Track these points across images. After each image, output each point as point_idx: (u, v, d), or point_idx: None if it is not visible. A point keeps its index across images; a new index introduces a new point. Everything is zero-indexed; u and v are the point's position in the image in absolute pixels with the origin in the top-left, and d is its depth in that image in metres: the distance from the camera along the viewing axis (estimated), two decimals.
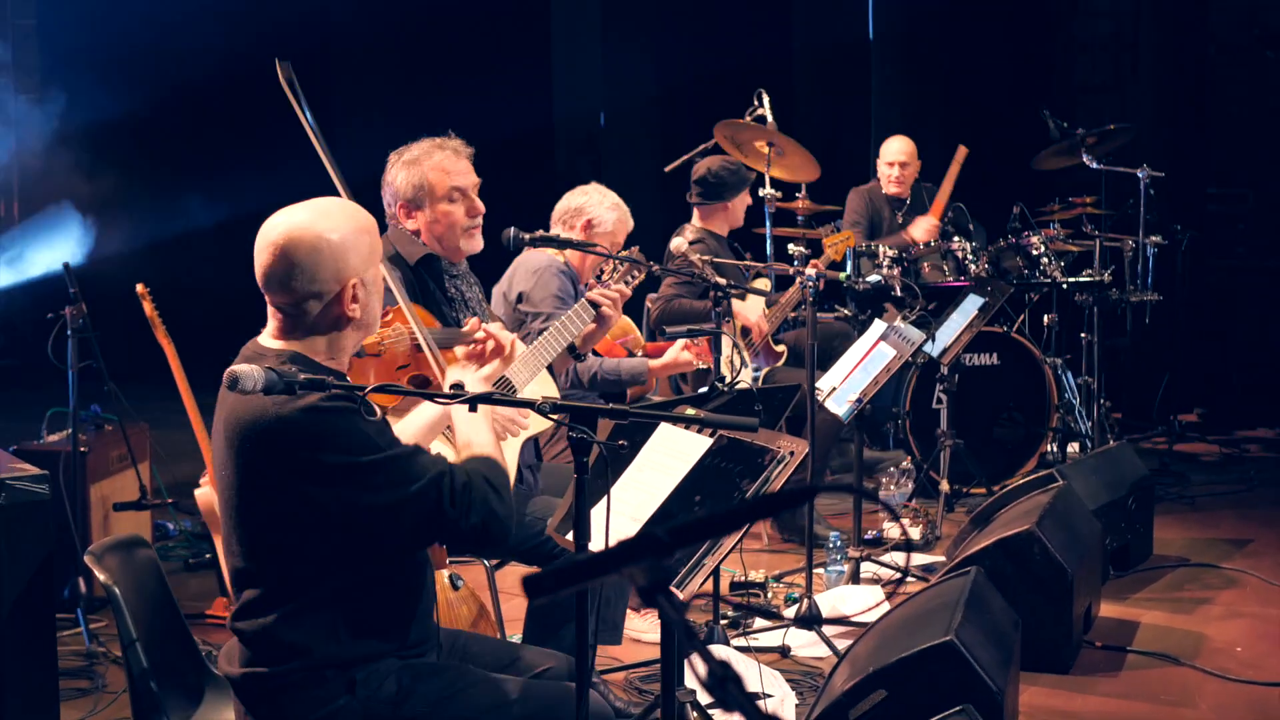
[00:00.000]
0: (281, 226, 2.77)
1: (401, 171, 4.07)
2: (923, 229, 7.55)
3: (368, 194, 4.09)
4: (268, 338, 2.82)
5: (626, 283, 4.53)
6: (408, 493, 2.65)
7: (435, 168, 4.04)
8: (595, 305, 4.31)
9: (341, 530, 2.67)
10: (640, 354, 5.46)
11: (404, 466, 2.67)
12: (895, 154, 7.87)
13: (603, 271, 4.67)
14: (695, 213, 6.59)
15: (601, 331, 4.41)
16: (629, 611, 5.06)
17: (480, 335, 3.31)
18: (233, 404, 2.69)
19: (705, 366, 5.13)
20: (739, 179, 6.53)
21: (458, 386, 2.90)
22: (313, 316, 2.77)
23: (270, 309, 2.82)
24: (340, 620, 2.73)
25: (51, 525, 4.02)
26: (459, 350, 3.40)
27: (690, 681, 3.70)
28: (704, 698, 3.83)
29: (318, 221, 2.77)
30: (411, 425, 3.20)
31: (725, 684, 1.12)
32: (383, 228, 4.17)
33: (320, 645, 2.72)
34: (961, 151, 7.90)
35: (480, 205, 4.09)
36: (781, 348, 6.73)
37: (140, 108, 11.38)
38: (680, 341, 5.03)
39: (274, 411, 2.61)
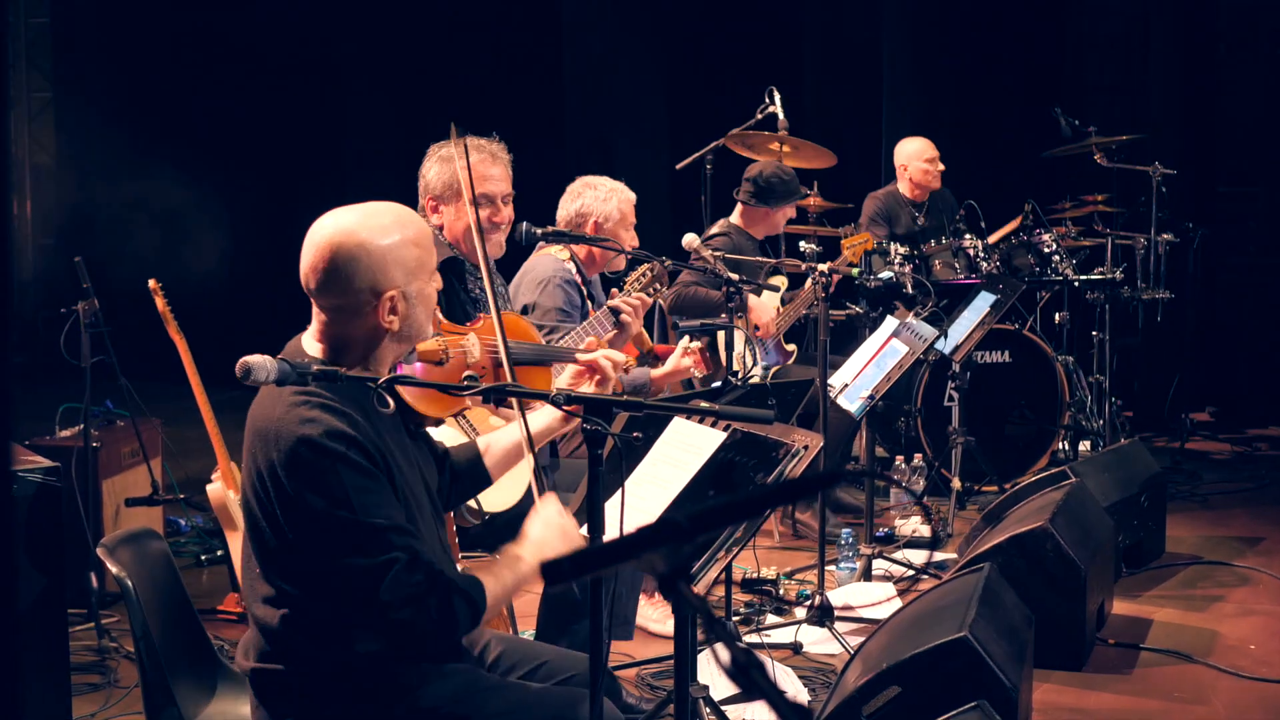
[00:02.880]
0: (329, 228, 2.71)
1: (435, 166, 4.09)
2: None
3: (374, 192, 4.11)
4: (309, 339, 2.79)
5: (649, 293, 4.54)
6: (357, 564, 2.57)
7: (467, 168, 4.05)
8: (616, 313, 4.34)
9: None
10: (649, 353, 5.45)
11: (367, 538, 2.58)
12: (930, 148, 7.85)
13: (624, 281, 4.70)
14: (737, 209, 6.61)
15: (622, 339, 4.44)
16: (641, 597, 5.05)
17: (586, 358, 3.19)
18: (260, 400, 2.69)
19: (703, 375, 5.11)
20: (788, 189, 6.53)
21: (472, 379, 2.90)
22: (350, 325, 2.73)
23: (314, 309, 2.78)
24: (344, 625, 2.70)
25: (64, 518, 4.01)
26: (565, 368, 3.35)
27: (704, 676, 3.69)
28: (718, 692, 3.82)
29: (363, 228, 2.70)
30: (503, 437, 3.16)
31: (749, 671, 1.12)
32: None
33: (326, 647, 2.71)
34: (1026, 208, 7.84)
35: (505, 214, 4.10)
36: (791, 346, 6.72)
37: (150, 103, 11.41)
38: (680, 346, 5.02)
39: (275, 428, 2.60)
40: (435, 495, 2.92)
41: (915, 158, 7.87)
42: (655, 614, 5.05)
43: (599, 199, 5.29)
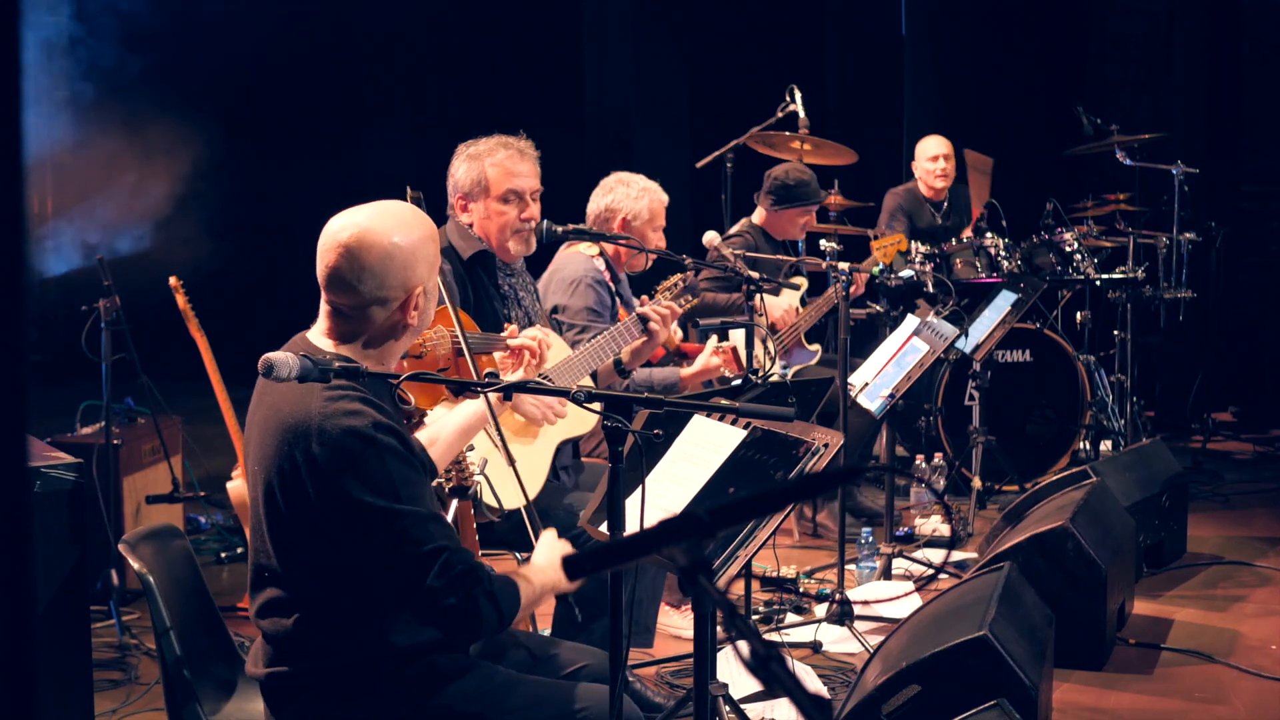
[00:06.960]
0: (351, 227, 2.70)
1: (464, 164, 4.11)
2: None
3: (390, 191, 4.11)
4: (319, 335, 2.77)
5: (680, 303, 4.56)
6: (405, 554, 2.57)
7: (496, 165, 4.07)
8: (644, 320, 4.34)
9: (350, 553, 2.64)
10: (677, 352, 5.45)
11: (413, 527, 2.58)
12: (936, 147, 7.84)
13: (655, 289, 4.71)
14: (759, 210, 6.59)
15: (650, 347, 4.44)
16: (670, 609, 5.05)
17: (515, 343, 3.32)
18: (277, 398, 2.66)
19: (733, 375, 5.12)
20: (796, 193, 6.42)
21: (492, 375, 2.90)
22: (373, 321, 2.73)
23: (325, 307, 2.76)
24: (368, 623, 2.69)
25: (86, 514, 4.02)
26: (496, 356, 3.43)
27: (723, 674, 3.69)
28: (737, 690, 3.82)
29: (389, 226, 2.71)
30: (446, 426, 3.19)
31: (768, 663, 1.12)
32: (442, 219, 4.20)
33: (346, 646, 2.69)
34: (988, 163, 7.85)
35: (535, 211, 4.11)
36: (815, 346, 6.71)
37: (167, 103, 11.43)
38: (710, 346, 5.03)
39: (318, 422, 2.57)
40: None
41: (920, 157, 7.91)
42: (685, 622, 5.04)
43: (630, 196, 5.29)
